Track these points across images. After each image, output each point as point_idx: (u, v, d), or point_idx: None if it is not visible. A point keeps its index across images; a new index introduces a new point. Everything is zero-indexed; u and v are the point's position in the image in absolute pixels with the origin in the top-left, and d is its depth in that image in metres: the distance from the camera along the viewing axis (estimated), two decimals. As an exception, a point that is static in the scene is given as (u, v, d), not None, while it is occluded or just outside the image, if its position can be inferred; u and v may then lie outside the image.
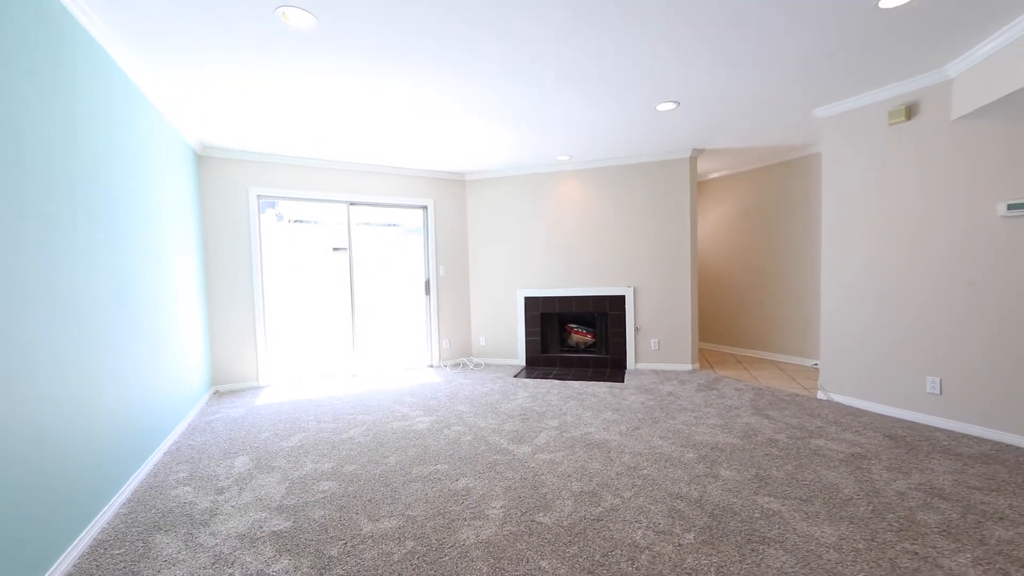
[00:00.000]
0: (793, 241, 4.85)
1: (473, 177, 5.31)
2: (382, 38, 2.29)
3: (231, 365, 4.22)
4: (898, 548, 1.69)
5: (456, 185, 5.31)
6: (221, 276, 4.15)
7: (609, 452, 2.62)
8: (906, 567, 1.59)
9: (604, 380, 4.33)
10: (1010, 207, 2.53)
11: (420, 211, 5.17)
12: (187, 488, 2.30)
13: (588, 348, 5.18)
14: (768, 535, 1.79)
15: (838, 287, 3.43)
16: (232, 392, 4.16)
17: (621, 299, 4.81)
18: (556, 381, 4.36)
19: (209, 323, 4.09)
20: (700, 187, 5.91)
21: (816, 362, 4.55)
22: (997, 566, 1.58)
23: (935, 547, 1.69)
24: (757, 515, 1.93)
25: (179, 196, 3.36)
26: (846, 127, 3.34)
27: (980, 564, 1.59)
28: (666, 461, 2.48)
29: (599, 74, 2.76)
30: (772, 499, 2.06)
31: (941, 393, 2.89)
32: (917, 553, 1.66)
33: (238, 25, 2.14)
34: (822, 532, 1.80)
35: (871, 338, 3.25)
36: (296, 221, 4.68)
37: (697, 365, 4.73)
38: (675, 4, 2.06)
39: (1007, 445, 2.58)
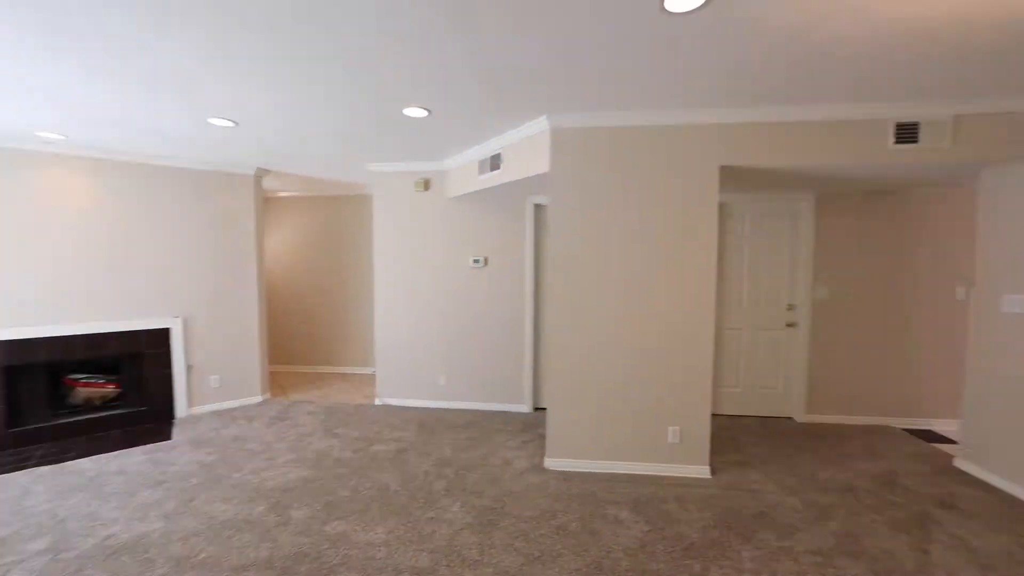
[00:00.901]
0: (359, 265, 5.53)
1: None
2: None
3: None
4: (423, 519, 2.30)
5: None
6: None
7: (148, 553, 2.04)
8: (427, 531, 2.19)
9: (140, 443, 3.32)
10: (474, 261, 4.01)
11: None
12: None
13: (110, 403, 3.79)
14: (334, 562, 1.97)
15: (386, 308, 4.24)
16: None
17: (165, 333, 3.84)
18: (47, 468, 2.92)
19: None
20: (269, 203, 5.65)
21: (375, 369, 5.41)
22: (462, 500, 2.47)
23: (442, 506, 2.43)
24: (326, 545, 2.08)
25: None
26: (390, 184, 4.18)
27: (463, 507, 2.43)
28: (231, 529, 2.22)
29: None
30: (339, 522, 2.28)
31: (445, 384, 4.16)
32: (434, 517, 2.32)
33: None
34: (376, 535, 2.18)
35: (407, 349, 4.22)
36: None
37: (269, 394, 4.50)
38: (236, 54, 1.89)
39: (483, 411, 4.06)
